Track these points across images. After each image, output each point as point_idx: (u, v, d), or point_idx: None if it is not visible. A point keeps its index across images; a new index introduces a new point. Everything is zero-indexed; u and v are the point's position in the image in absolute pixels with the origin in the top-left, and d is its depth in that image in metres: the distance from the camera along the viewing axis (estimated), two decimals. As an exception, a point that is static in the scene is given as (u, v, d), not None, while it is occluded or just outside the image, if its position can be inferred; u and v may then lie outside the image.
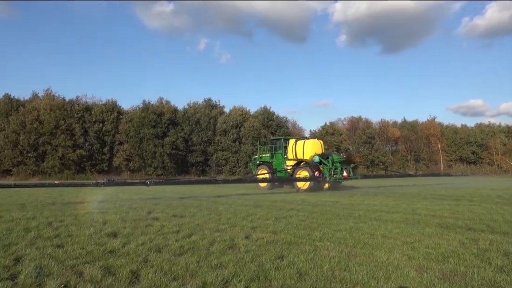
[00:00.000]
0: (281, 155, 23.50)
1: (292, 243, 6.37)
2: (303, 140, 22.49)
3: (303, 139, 22.76)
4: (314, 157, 21.24)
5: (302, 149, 22.00)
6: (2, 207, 11.38)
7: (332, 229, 7.69)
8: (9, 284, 4.10)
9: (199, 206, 12.07)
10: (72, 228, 7.56)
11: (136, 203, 12.67)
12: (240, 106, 57.26)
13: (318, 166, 20.70)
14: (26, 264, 4.89)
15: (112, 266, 4.88)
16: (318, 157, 21.10)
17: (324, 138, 59.02)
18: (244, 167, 51.04)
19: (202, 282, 4.31)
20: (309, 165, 20.94)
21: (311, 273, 4.63)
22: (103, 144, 48.47)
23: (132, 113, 51.06)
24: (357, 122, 70.02)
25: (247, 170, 49.88)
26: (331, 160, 21.00)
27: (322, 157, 21.25)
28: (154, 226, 7.89)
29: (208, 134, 52.04)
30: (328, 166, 20.68)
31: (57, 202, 13.05)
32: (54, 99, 47.46)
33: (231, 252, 5.69)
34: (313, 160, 21.14)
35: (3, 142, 42.07)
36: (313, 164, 20.86)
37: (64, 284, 4.15)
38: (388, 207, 11.86)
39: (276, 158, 23.82)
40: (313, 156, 21.34)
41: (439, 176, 38.30)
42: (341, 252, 5.73)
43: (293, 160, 22.42)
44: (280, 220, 8.90)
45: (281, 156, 23.44)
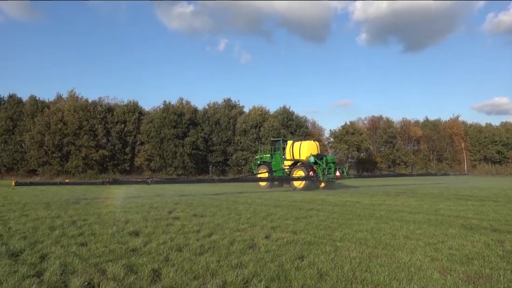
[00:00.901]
0: (279, 156, 24.77)
1: (312, 243, 6.34)
2: (300, 142, 23.72)
3: (300, 141, 23.99)
4: (310, 157, 22.28)
5: (299, 150, 23.14)
6: (28, 206, 11.68)
7: (353, 229, 7.62)
8: (36, 281, 4.21)
9: (219, 205, 12.13)
10: (95, 227, 7.70)
11: (157, 203, 12.82)
12: (260, 106, 57.29)
13: (313, 166, 21.63)
14: (52, 261, 5.01)
15: (134, 264, 4.95)
16: (314, 158, 22.07)
17: (344, 138, 58.82)
18: None
19: (222, 281, 4.33)
20: (305, 165, 21.94)
21: (331, 273, 4.60)
22: (125, 144, 49.19)
23: (153, 114, 51.67)
24: (378, 122, 69.19)
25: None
26: (325, 160, 22.02)
27: (317, 157, 22.20)
28: (175, 226, 7.97)
29: (227, 134, 52.21)
30: (322, 166, 21.64)
31: (81, 201, 13.32)
32: (77, 101, 48.42)
33: (251, 252, 5.70)
34: (309, 160, 22.17)
35: (29, 142, 43.13)
36: (308, 164, 21.84)
37: (88, 282, 4.24)
38: (410, 207, 11.68)
39: (275, 159, 25.11)
40: (309, 156, 22.39)
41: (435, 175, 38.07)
42: (362, 252, 5.67)
43: (291, 160, 23.54)
44: (300, 220, 8.86)
45: (280, 156, 24.70)
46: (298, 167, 22.42)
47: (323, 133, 62.32)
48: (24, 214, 9.69)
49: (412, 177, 35.51)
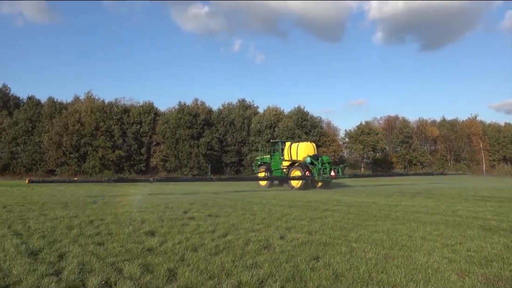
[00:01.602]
0: (278, 157, 25.82)
1: (327, 244, 6.31)
2: (297, 143, 24.78)
3: (297, 142, 25.09)
4: (306, 158, 23.16)
5: (296, 151, 24.09)
6: (47, 205, 11.88)
7: (368, 230, 7.56)
8: (54, 279, 4.28)
9: (233, 206, 12.16)
10: (112, 227, 7.79)
11: (172, 203, 12.92)
12: (274, 106, 57.28)
13: (309, 166, 22.53)
14: (70, 260, 5.09)
15: (150, 264, 5.00)
16: (310, 158, 22.95)
17: (360, 138, 58.35)
18: None
19: (237, 281, 4.34)
20: (301, 165, 22.84)
21: (347, 274, 4.57)
22: (141, 145, 49.66)
23: (168, 115, 52.06)
24: (393, 121, 68.51)
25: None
26: (320, 161, 22.90)
27: (313, 158, 23.07)
28: (190, 226, 8.01)
29: (242, 134, 52.29)
30: (317, 167, 22.49)
31: (97, 201, 13.50)
32: (94, 102, 49.08)
33: (266, 252, 5.69)
34: (305, 161, 23.03)
35: (48, 143, 43.86)
36: (304, 164, 22.74)
37: (105, 281, 4.29)
38: (427, 208, 11.53)
39: (274, 159, 26.11)
40: (305, 157, 23.26)
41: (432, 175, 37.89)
42: (378, 254, 5.62)
43: (289, 161, 24.48)
44: (315, 221, 8.83)
45: (279, 157, 25.72)
46: (295, 167, 23.25)
47: (338, 133, 61.99)
48: (43, 213, 9.87)
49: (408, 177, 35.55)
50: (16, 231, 7.21)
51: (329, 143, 55.91)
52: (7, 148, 44.01)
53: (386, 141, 63.84)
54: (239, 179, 32.10)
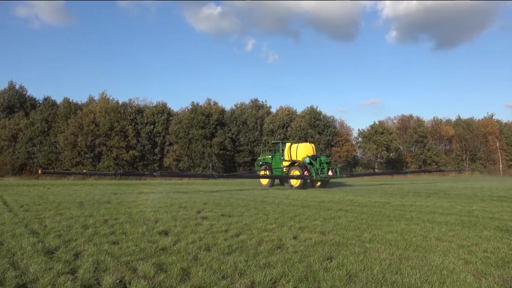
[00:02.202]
0: (279, 157, 26.73)
1: (341, 244, 6.27)
2: (297, 144, 25.48)
3: (297, 143, 25.76)
4: (305, 158, 24.01)
5: (296, 151, 24.83)
6: (62, 205, 12.05)
7: (382, 230, 7.50)
8: (70, 277, 4.34)
9: (246, 206, 12.18)
10: (126, 226, 7.87)
11: (186, 202, 12.99)
12: (287, 106, 57.15)
13: (307, 166, 23.37)
14: (85, 259, 5.15)
15: (164, 263, 5.03)
16: (309, 159, 23.82)
17: (373, 138, 57.85)
18: None
19: (250, 281, 4.34)
20: (300, 165, 23.67)
21: (361, 275, 4.54)
22: (154, 145, 50.02)
23: (181, 115, 52.34)
24: (407, 121, 67.76)
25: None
26: (319, 161, 23.73)
27: (311, 158, 23.89)
28: (203, 225, 8.05)
29: (255, 134, 52.30)
30: (315, 167, 23.38)
31: (112, 200, 13.64)
32: (108, 102, 49.59)
33: (279, 252, 5.69)
34: (304, 161, 23.88)
35: (63, 143, 44.47)
36: (303, 164, 23.56)
37: (120, 280, 4.33)
38: (442, 208, 11.39)
39: (275, 159, 27.07)
40: (304, 157, 24.12)
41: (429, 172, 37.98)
42: (392, 254, 5.57)
43: (288, 161, 25.31)
44: (328, 221, 8.79)
45: (279, 157, 26.66)
46: (295, 167, 24.09)
47: (351, 133, 61.44)
48: (59, 213, 10.01)
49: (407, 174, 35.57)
50: (33, 230, 7.33)
51: (342, 143, 55.54)
52: (23, 148, 44.74)
53: (400, 141, 63.12)
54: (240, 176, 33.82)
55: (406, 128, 66.42)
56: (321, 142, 52.58)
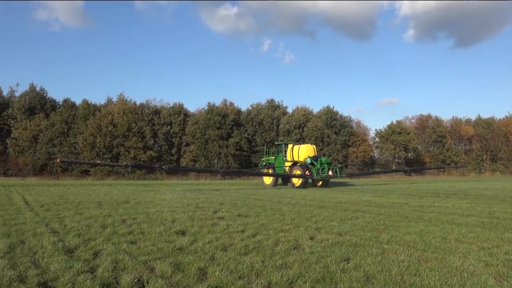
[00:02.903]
0: (282, 157, 27.87)
1: (358, 245, 6.22)
2: (298, 145, 26.84)
3: (298, 144, 27.12)
4: (307, 159, 25.35)
5: (298, 152, 26.18)
6: (82, 204, 12.25)
7: (400, 231, 7.41)
8: (89, 276, 4.40)
9: (263, 206, 12.18)
10: (144, 226, 7.96)
11: (202, 203, 13.06)
12: (303, 106, 56.91)
13: (308, 166, 24.56)
14: (104, 258, 5.23)
15: (181, 263, 5.07)
16: (310, 159, 25.14)
17: (391, 138, 57.20)
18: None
19: (267, 281, 4.34)
20: (301, 165, 24.87)
21: (378, 276, 4.50)
22: (171, 146, 50.41)
23: (197, 115, 52.62)
24: (426, 120, 66.87)
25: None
26: (319, 161, 25.05)
27: (312, 159, 25.16)
28: (220, 225, 8.08)
29: (271, 134, 52.24)
30: (316, 167, 24.67)
31: (130, 200, 13.80)
32: (126, 104, 50.19)
33: (296, 253, 5.67)
34: (306, 162, 25.18)
35: (82, 144, 45.17)
36: (304, 165, 24.79)
37: (138, 279, 4.38)
38: (462, 209, 11.19)
39: (278, 160, 28.17)
40: (306, 158, 25.46)
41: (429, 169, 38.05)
42: (410, 256, 5.50)
43: (291, 161, 26.58)
44: (345, 222, 8.73)
45: (282, 158, 27.79)
46: (296, 167, 25.25)
47: (368, 133, 60.87)
48: (78, 212, 10.18)
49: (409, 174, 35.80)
50: (53, 229, 7.47)
51: (359, 143, 55.07)
52: (44, 149, 45.62)
53: (418, 141, 62.29)
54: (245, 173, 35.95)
55: (424, 128, 65.54)
56: (337, 142, 52.23)
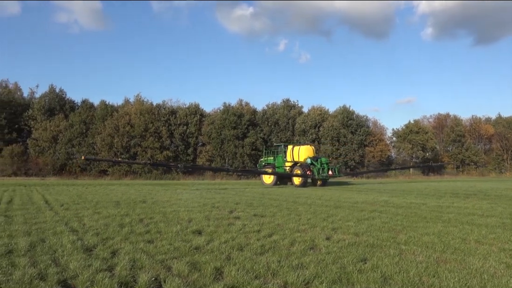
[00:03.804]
0: (282, 158, 28.91)
1: (375, 245, 6.17)
2: (298, 146, 28.20)
3: (298, 145, 28.49)
4: (307, 159, 26.77)
5: (298, 153, 27.45)
6: (100, 204, 12.43)
7: (418, 232, 7.32)
8: (108, 275, 4.46)
9: (279, 206, 12.17)
10: (160, 225, 8.03)
11: (218, 202, 13.11)
12: (319, 106, 56.61)
13: (309, 166, 26.00)
14: (122, 257, 5.29)
15: (198, 262, 5.10)
16: (310, 160, 26.60)
17: (408, 137, 56.51)
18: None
19: (283, 281, 4.33)
20: (302, 165, 26.22)
21: (396, 278, 4.45)
22: (187, 146, 50.75)
23: (213, 115, 52.86)
24: (444, 119, 65.89)
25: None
26: (319, 162, 26.45)
27: (312, 159, 26.61)
28: (236, 225, 8.10)
29: (287, 134, 52.14)
30: (317, 167, 26.06)
31: (147, 200, 13.94)
32: (143, 104, 50.72)
33: (312, 253, 5.65)
34: (306, 162, 26.57)
35: (100, 144, 45.82)
36: (305, 165, 26.18)
37: (155, 278, 4.42)
38: (482, 210, 10.99)
39: (278, 160, 29.12)
40: (306, 159, 26.85)
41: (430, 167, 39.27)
42: (429, 257, 5.42)
43: (291, 162, 27.82)
44: (362, 222, 8.66)
45: (282, 158, 28.82)
46: (297, 167, 26.59)
47: (385, 132, 60.22)
48: (97, 211, 10.33)
49: None
50: (73, 228, 7.60)
51: (375, 142, 54.52)
52: (63, 149, 46.43)
53: (436, 140, 61.38)
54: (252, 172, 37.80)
55: (442, 127, 64.60)
56: (354, 142, 51.83)
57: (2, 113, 47.79)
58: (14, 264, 4.90)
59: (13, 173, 43.38)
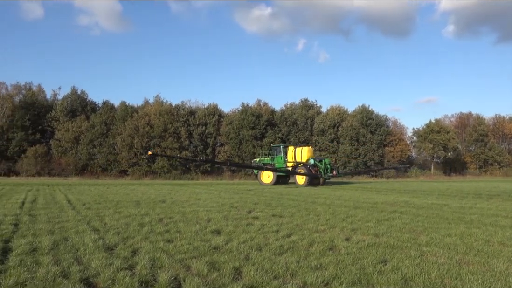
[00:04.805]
0: (281, 159, 30.13)
1: (395, 247, 6.09)
2: (301, 147, 29.69)
3: (300, 147, 29.99)
4: (310, 160, 28.50)
5: (300, 154, 28.96)
6: (121, 203, 12.62)
7: (440, 233, 7.19)
8: (128, 273, 4.52)
9: (297, 206, 12.13)
10: (180, 225, 8.09)
11: (237, 202, 13.15)
12: (338, 105, 56.25)
13: (316, 166, 27.89)
14: (142, 256, 5.36)
15: (217, 262, 5.12)
16: (313, 160, 28.39)
17: (429, 137, 55.57)
18: (342, 168, 50.12)
19: (302, 282, 4.32)
20: (306, 165, 27.90)
21: (417, 279, 4.38)
22: (206, 146, 51.10)
23: (232, 116, 53.07)
24: (466, 119, 64.63)
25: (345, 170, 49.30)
26: (324, 162, 28.35)
27: (315, 160, 28.54)
28: (255, 225, 8.11)
29: (305, 134, 51.98)
30: (322, 167, 27.88)
31: (166, 200, 14.08)
32: (162, 105, 51.33)
33: (331, 254, 5.61)
34: (309, 162, 28.28)
35: (121, 145, 46.57)
36: (310, 165, 27.96)
37: (174, 277, 4.46)
38: (506, 211, 10.73)
39: (277, 161, 30.34)
40: (308, 159, 28.55)
41: None
42: (451, 259, 5.32)
43: (293, 162, 29.25)
44: (382, 223, 8.56)
45: (282, 159, 30.07)
46: (300, 167, 27.99)
47: (405, 132, 59.39)
48: (117, 211, 10.49)
49: None
50: (94, 227, 7.73)
51: (395, 142, 53.83)
52: (85, 149, 47.34)
53: (458, 140, 60.22)
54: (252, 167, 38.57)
55: (465, 126, 63.37)
56: (373, 141, 51.28)
57: (26, 115, 49.05)
58: (38, 262, 5.01)
59: (36, 173, 44.46)
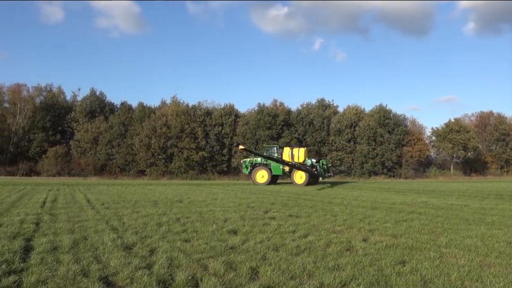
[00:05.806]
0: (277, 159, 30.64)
1: (414, 248, 6.01)
2: (297, 148, 30.37)
3: (297, 148, 30.65)
4: (307, 160, 29.24)
5: (297, 154, 29.50)
6: (139, 203, 12.76)
7: (460, 235, 7.07)
8: (146, 272, 4.58)
9: (314, 206, 12.08)
10: (197, 225, 8.14)
11: (253, 202, 13.16)
12: (355, 105, 55.70)
13: (315, 166, 28.84)
14: (159, 255, 5.41)
15: (233, 261, 5.14)
16: (310, 161, 29.28)
17: (448, 136, 54.62)
18: (359, 168, 49.69)
19: (319, 283, 4.30)
20: (306, 166, 28.51)
21: (437, 281, 4.31)
22: (222, 146, 51.28)
23: (248, 116, 53.13)
24: (487, 118, 63.25)
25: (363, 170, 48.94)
26: (321, 163, 29.77)
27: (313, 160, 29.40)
28: (271, 225, 8.10)
29: (322, 134, 51.68)
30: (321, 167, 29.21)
31: (183, 200, 14.19)
32: (179, 106, 51.73)
33: (349, 255, 5.57)
34: (307, 163, 28.98)
35: (139, 145, 47.13)
36: (308, 165, 28.70)
37: (192, 276, 4.49)
38: (529, 212, 10.48)
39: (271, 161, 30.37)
40: (305, 159, 29.20)
41: None
42: (471, 260, 5.23)
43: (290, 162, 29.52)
44: (400, 224, 8.45)
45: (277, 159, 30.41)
46: (299, 167, 28.48)
47: (423, 132, 58.49)
48: (135, 211, 10.61)
49: None
50: (113, 227, 7.84)
51: (414, 142, 53.08)
52: (104, 150, 48.06)
53: (478, 140, 59.02)
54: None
55: (485, 125, 62.06)
56: (391, 141, 50.68)
57: (47, 116, 50.06)
58: (58, 261, 5.10)
59: (57, 173, 45.32)
